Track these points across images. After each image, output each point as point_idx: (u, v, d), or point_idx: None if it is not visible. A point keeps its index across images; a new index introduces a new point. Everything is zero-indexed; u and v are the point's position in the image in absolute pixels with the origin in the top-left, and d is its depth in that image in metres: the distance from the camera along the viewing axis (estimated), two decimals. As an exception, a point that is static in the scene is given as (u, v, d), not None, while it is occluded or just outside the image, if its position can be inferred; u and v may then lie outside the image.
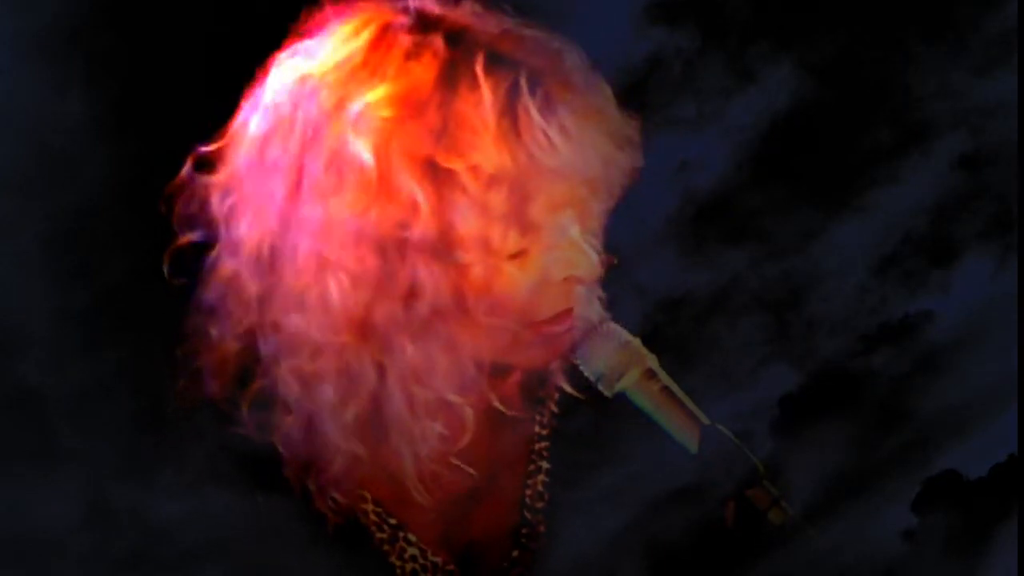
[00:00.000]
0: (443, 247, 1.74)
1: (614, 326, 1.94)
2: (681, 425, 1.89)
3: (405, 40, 1.77)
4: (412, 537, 1.92)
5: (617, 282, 2.09)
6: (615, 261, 1.92)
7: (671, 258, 2.20)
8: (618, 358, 1.91)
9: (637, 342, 1.92)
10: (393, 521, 1.92)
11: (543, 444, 2.02)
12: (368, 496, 1.92)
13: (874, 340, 2.36)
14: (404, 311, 1.76)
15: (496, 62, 1.76)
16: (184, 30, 2.34)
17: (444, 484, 1.90)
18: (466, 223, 1.75)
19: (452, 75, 1.75)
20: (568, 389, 1.97)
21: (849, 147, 2.43)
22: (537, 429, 2.02)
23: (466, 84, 1.75)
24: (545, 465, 2.01)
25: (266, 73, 1.83)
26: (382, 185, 1.73)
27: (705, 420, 1.88)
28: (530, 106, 1.75)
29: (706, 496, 1.91)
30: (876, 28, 2.41)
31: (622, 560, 2.01)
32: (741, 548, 1.90)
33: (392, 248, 1.74)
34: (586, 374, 1.91)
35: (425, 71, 1.75)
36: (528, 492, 1.99)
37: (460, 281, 1.77)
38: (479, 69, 1.75)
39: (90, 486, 1.88)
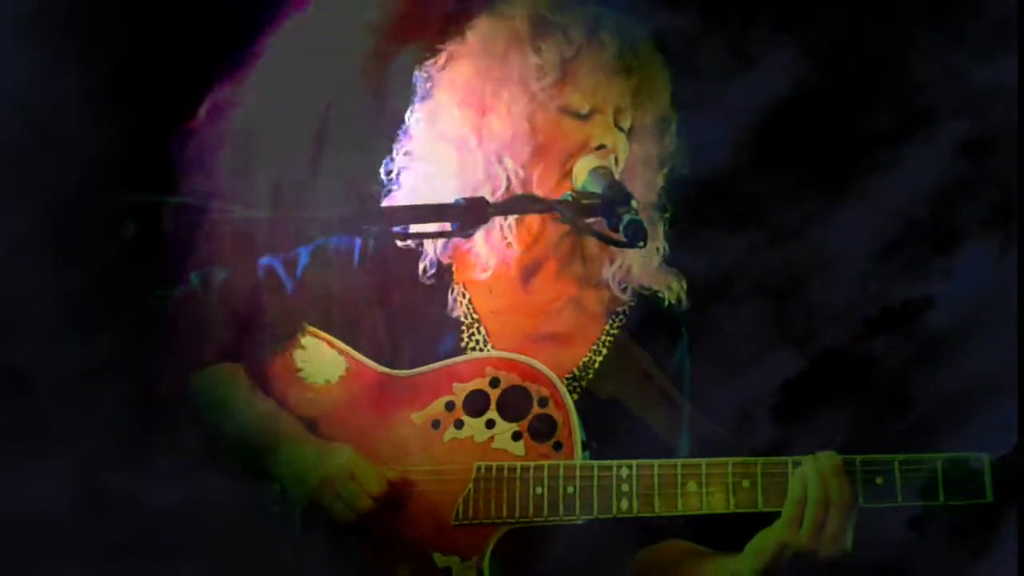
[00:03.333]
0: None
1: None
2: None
3: None
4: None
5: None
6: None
7: (671, 244, 2.19)
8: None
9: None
10: None
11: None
12: None
13: (876, 326, 2.36)
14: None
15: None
16: (178, 11, 2.34)
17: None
18: None
19: None
20: None
21: (850, 132, 2.42)
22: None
23: None
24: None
25: None
26: None
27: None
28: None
29: None
30: (877, 12, 2.40)
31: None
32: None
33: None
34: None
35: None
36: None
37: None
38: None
39: (84, 471, 1.88)
